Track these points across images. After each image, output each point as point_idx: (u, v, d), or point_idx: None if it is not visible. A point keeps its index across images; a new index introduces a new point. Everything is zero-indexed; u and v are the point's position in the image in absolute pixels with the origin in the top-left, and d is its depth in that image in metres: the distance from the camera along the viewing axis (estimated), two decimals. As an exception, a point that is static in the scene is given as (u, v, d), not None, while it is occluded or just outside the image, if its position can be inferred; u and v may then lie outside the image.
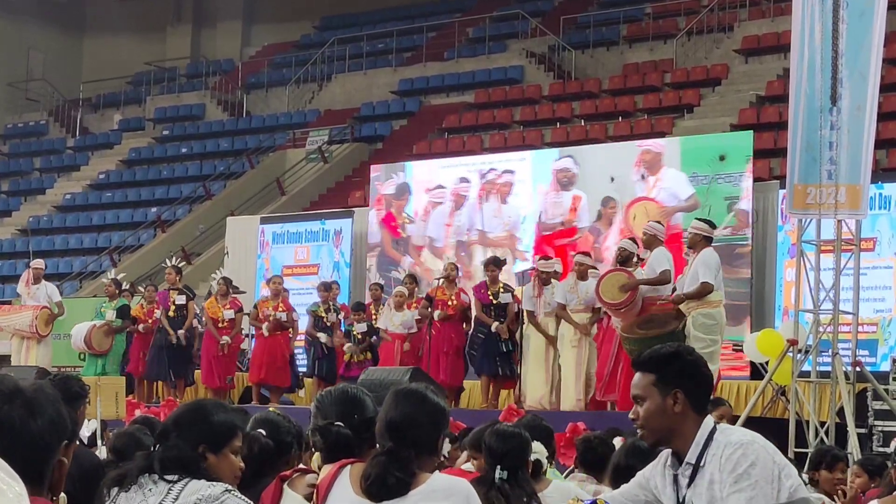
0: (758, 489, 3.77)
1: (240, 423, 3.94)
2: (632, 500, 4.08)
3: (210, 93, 31.05)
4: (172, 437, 3.69)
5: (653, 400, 3.92)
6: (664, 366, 3.97)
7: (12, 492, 1.94)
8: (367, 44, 29.41)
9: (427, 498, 3.67)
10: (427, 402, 3.82)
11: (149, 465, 3.66)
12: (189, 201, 26.39)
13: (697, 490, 3.85)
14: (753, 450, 3.82)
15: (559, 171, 17.70)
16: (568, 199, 17.49)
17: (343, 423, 4.02)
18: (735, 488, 3.76)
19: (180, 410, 3.86)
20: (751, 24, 24.03)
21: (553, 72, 26.06)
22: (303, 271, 19.97)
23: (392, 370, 13.26)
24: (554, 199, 17.61)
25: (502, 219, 18.08)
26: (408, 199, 19.14)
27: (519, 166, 18.49)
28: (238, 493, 3.63)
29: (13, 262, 26.32)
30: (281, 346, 15.70)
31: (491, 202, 18.20)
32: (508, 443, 5.02)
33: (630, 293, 11.92)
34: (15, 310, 17.31)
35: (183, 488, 3.59)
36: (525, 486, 4.93)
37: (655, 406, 3.91)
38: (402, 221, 19.08)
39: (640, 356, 4.05)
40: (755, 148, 16.82)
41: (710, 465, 3.84)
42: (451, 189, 18.71)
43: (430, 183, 19.04)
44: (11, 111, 33.60)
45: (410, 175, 19.39)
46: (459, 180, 18.71)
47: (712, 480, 3.82)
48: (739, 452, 3.80)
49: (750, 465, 3.79)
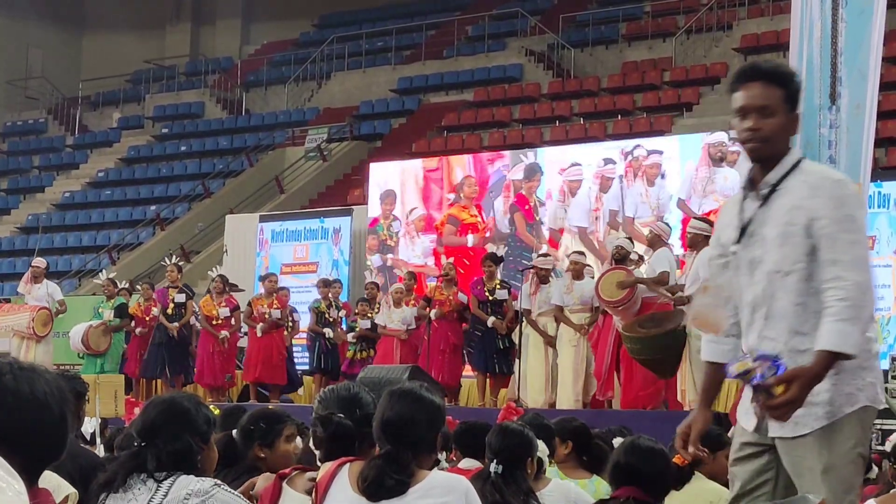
0: (862, 235, 3.85)
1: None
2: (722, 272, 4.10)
3: (209, 91, 31.04)
4: (163, 433, 3.68)
5: (782, 115, 3.92)
6: (790, 83, 3.98)
7: (12, 490, 1.94)
8: (367, 42, 29.41)
9: (426, 495, 3.68)
10: (422, 401, 3.82)
11: (140, 464, 3.65)
12: (188, 199, 26.39)
13: (771, 212, 3.88)
14: (855, 193, 3.97)
15: (711, 146, 17.06)
16: (721, 176, 16.82)
17: (344, 416, 4.03)
18: (841, 227, 3.78)
19: (159, 408, 3.80)
20: (750, 22, 24.03)
21: (552, 70, 26.05)
22: (302, 269, 19.97)
23: (391, 368, 13.26)
24: (705, 175, 16.92)
25: (650, 202, 17.29)
26: (539, 181, 18.49)
27: (665, 145, 17.84)
28: (227, 487, 3.63)
29: (12, 261, 26.33)
30: (276, 345, 15.66)
31: (637, 184, 17.41)
32: (508, 439, 5.01)
33: (628, 290, 11.93)
34: (13, 310, 17.26)
35: (172, 484, 3.59)
36: (521, 482, 4.92)
37: (783, 122, 3.92)
38: (534, 203, 18.44)
39: (761, 68, 4.00)
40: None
41: (794, 191, 3.86)
42: (595, 171, 17.87)
43: (564, 162, 18.36)
44: (10, 109, 33.59)
45: (542, 157, 18.80)
46: (604, 161, 17.93)
47: (797, 206, 3.83)
48: (847, 191, 3.87)
49: (856, 207, 3.86)
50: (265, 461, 4.94)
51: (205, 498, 3.54)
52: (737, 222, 3.95)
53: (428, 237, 19.45)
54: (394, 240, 19.71)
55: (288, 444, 4.95)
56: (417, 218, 19.53)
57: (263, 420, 5.04)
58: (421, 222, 19.51)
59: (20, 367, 2.22)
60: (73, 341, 16.62)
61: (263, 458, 4.95)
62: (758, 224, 3.89)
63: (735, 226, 3.95)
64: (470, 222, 19.06)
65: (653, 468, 4.68)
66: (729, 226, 3.99)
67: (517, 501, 4.84)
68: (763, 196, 3.89)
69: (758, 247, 3.88)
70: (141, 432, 3.74)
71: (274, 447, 4.95)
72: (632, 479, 4.63)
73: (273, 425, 5.00)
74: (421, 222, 19.51)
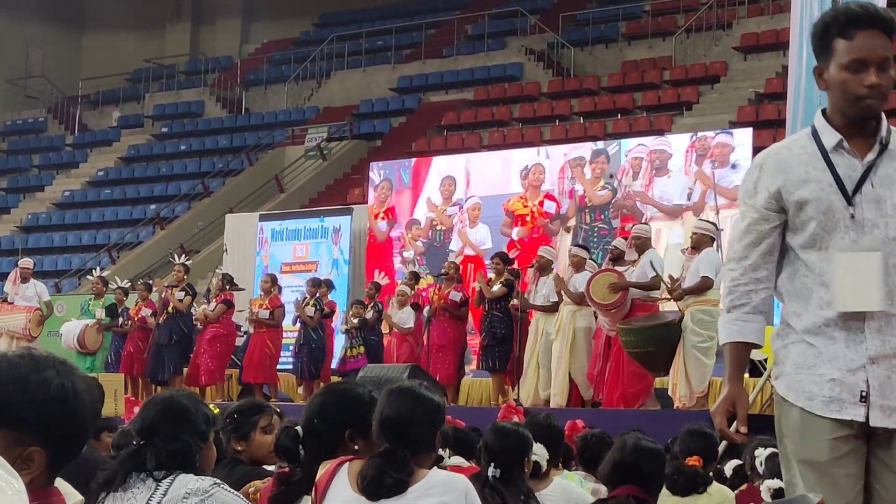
0: None
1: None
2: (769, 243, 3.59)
3: (209, 90, 31.04)
4: (162, 432, 3.68)
5: (894, 68, 3.51)
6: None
7: (11, 489, 1.94)
8: (366, 41, 29.40)
9: (425, 494, 3.67)
10: (422, 399, 3.81)
11: (139, 463, 3.64)
12: (188, 198, 26.39)
13: (888, 172, 3.48)
14: None
15: None
16: None
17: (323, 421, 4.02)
18: None
19: (158, 407, 3.78)
20: (749, 21, 24.03)
21: (552, 69, 26.05)
22: (301, 268, 19.97)
23: (391, 367, 13.28)
24: None
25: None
26: (609, 161, 18.15)
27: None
28: (227, 486, 3.63)
29: (12, 260, 26.31)
30: (265, 344, 15.60)
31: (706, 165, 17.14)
32: (505, 440, 5.00)
33: (620, 294, 11.97)
34: (7, 309, 17.23)
35: (171, 483, 3.58)
36: (520, 484, 4.91)
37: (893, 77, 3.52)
38: (604, 183, 18.11)
39: (881, 15, 3.49)
40: (754, 145, 16.80)
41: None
42: (686, 145, 17.56)
43: (645, 143, 18.09)
44: (10, 108, 33.59)
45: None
46: (689, 137, 17.71)
47: None
48: None
49: None
50: (243, 454, 4.95)
51: (204, 497, 3.54)
52: (826, 179, 3.48)
53: (484, 224, 19.04)
54: (447, 224, 19.39)
55: (264, 436, 4.91)
56: (472, 206, 19.13)
57: (237, 412, 5.03)
58: (475, 211, 19.09)
59: (60, 361, 2.24)
60: (65, 339, 16.62)
61: (241, 451, 4.96)
62: (878, 184, 3.47)
63: (827, 183, 3.48)
64: (521, 213, 18.69)
65: (654, 468, 4.74)
66: (806, 182, 3.49)
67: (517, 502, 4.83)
68: (876, 154, 3.49)
69: (872, 209, 3.46)
70: (140, 431, 3.73)
71: (249, 439, 4.94)
72: (633, 478, 4.66)
73: (247, 418, 4.98)
74: (475, 211, 19.09)
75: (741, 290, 3.57)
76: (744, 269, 3.57)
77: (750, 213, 3.58)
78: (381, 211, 20.04)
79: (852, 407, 3.43)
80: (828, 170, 3.49)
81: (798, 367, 3.50)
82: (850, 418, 3.43)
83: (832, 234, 3.47)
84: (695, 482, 5.89)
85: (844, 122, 3.52)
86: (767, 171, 3.55)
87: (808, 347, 3.49)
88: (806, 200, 3.48)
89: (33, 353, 2.24)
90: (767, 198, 3.53)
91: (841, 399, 3.43)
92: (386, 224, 19.93)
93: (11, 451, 2.13)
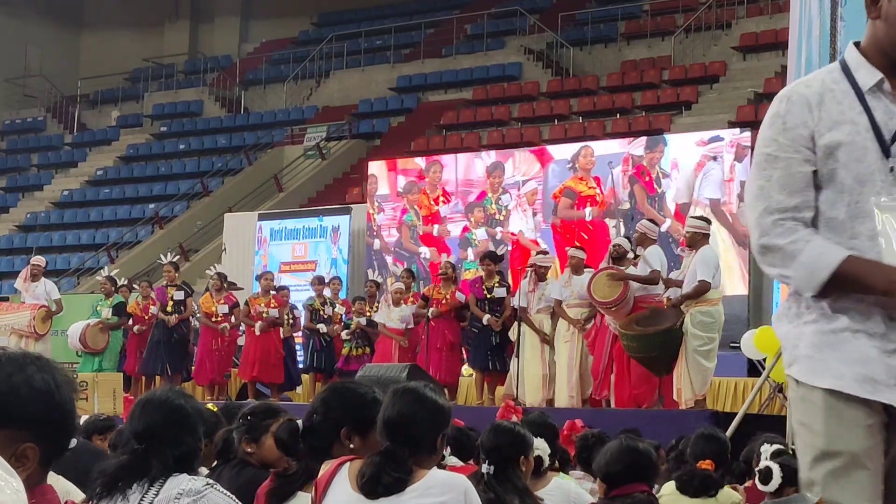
0: None
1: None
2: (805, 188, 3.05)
3: (208, 89, 31.04)
4: (165, 437, 3.62)
5: None
6: None
7: (10, 488, 1.94)
8: (365, 40, 29.40)
9: (424, 494, 3.67)
10: (425, 400, 3.81)
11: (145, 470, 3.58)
12: (187, 198, 26.38)
13: None
14: None
15: None
16: None
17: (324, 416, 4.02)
18: None
19: (158, 410, 3.67)
20: (749, 21, 24.03)
21: (551, 69, 26.06)
22: (300, 268, 19.98)
23: (390, 366, 13.26)
24: None
25: None
26: (663, 152, 17.92)
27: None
28: (220, 486, 3.61)
29: (11, 259, 26.31)
30: (274, 343, 15.65)
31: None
32: (498, 438, 4.99)
33: (621, 291, 11.88)
34: (13, 308, 17.25)
35: (164, 483, 3.56)
36: (516, 481, 4.91)
37: None
38: (656, 174, 17.84)
39: None
40: (754, 145, 16.75)
41: None
42: (730, 140, 17.27)
43: (697, 136, 17.89)
44: (9, 107, 33.57)
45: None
46: (739, 131, 17.50)
47: None
48: None
49: None
50: (253, 456, 4.94)
51: (196, 497, 3.51)
52: (863, 122, 3.03)
53: (538, 211, 18.88)
54: (503, 213, 19.29)
55: None
56: (530, 191, 18.99)
57: (251, 415, 5.03)
58: (534, 196, 18.89)
59: (37, 357, 2.27)
60: (70, 339, 16.63)
61: (251, 454, 4.95)
62: None
63: (863, 126, 3.03)
64: (588, 195, 18.37)
65: (651, 466, 4.91)
66: (839, 124, 3.04)
67: (512, 499, 4.83)
68: None
69: None
70: (140, 435, 3.65)
71: (260, 443, 4.93)
72: (633, 477, 4.79)
73: (260, 421, 4.97)
74: (534, 196, 18.89)
75: (802, 241, 3.01)
76: (795, 220, 3.03)
77: (784, 151, 3.04)
78: (435, 196, 19.83)
79: (887, 390, 2.96)
80: (864, 112, 3.03)
81: (818, 347, 3.02)
82: (887, 402, 2.95)
83: (864, 187, 3.01)
84: (706, 485, 5.93)
85: (886, 64, 3.06)
86: (797, 103, 3.06)
87: (831, 324, 3.01)
88: (838, 144, 3.01)
89: (9, 352, 2.26)
90: (799, 135, 3.04)
91: (875, 379, 2.96)
92: (447, 208, 19.73)
93: (7, 449, 2.14)
